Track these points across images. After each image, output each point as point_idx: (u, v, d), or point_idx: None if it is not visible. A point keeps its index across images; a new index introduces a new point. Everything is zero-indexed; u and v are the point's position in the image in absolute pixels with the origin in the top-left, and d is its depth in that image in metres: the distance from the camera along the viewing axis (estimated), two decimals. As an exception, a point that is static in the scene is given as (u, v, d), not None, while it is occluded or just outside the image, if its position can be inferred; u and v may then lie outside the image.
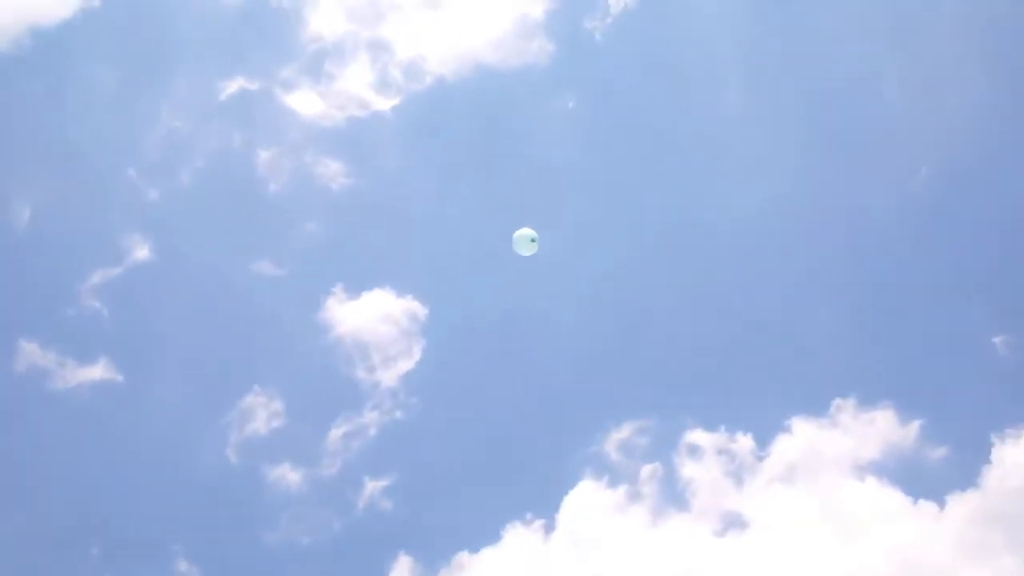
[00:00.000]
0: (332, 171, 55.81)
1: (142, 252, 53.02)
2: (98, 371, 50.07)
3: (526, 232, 39.35)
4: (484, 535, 46.33)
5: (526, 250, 39.75)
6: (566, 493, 47.31)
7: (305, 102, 57.03)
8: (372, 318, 52.21)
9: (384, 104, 57.14)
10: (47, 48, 56.81)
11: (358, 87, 57.36)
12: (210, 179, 55.97)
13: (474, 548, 46.04)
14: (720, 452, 47.70)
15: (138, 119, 56.84)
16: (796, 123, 54.79)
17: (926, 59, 55.37)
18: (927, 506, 44.92)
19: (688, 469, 47.42)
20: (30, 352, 49.83)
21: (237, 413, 49.79)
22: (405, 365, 51.17)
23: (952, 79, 54.29)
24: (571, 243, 53.52)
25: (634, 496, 47.37)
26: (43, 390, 49.49)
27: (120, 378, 50.12)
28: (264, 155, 56.22)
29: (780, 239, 53.09)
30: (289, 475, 48.44)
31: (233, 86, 57.20)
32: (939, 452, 46.84)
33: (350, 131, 57.23)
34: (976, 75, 53.93)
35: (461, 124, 57.47)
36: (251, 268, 53.60)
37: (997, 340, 48.20)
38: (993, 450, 45.72)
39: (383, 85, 57.69)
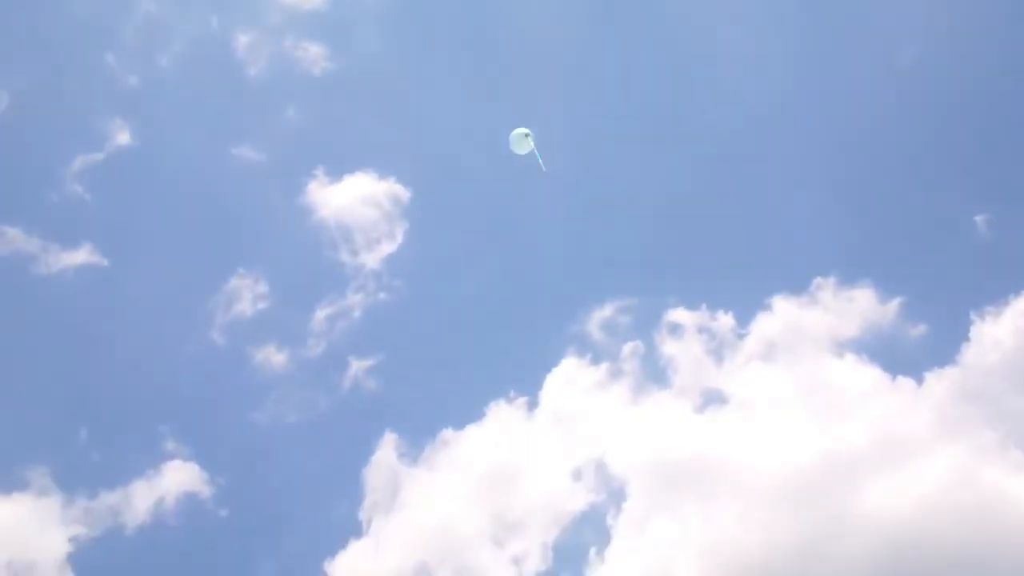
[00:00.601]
0: (313, 55, 55.65)
1: (123, 137, 53.23)
2: (82, 255, 50.53)
3: (520, 131, 40.06)
4: (468, 412, 47.15)
5: (522, 148, 40.47)
6: (549, 371, 48.09)
7: (284, -16, 57.17)
8: (355, 201, 52.66)
9: (366, -15, 57.25)
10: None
11: (339, -32, 57.39)
12: (189, 64, 55.93)
13: (458, 425, 46.94)
14: (701, 330, 48.51)
15: (115, 4, 56.59)
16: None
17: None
18: (906, 383, 45.67)
19: (669, 347, 48.25)
20: (13, 238, 50.24)
21: (222, 296, 50.47)
22: (388, 247, 51.85)
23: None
24: (556, 125, 53.22)
25: (616, 373, 48.23)
26: (27, 274, 49.97)
27: (104, 262, 50.65)
28: (243, 39, 56.01)
29: (763, 118, 53.09)
30: (274, 356, 49.18)
31: (212, -32, 57.38)
32: (918, 330, 47.64)
33: (331, 14, 57.01)
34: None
35: (446, 6, 57.36)
36: (233, 152, 53.93)
37: (979, 219, 48.78)
38: (972, 327, 46.46)
39: (365, -34, 57.65)
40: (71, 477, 45.09)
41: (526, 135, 40.03)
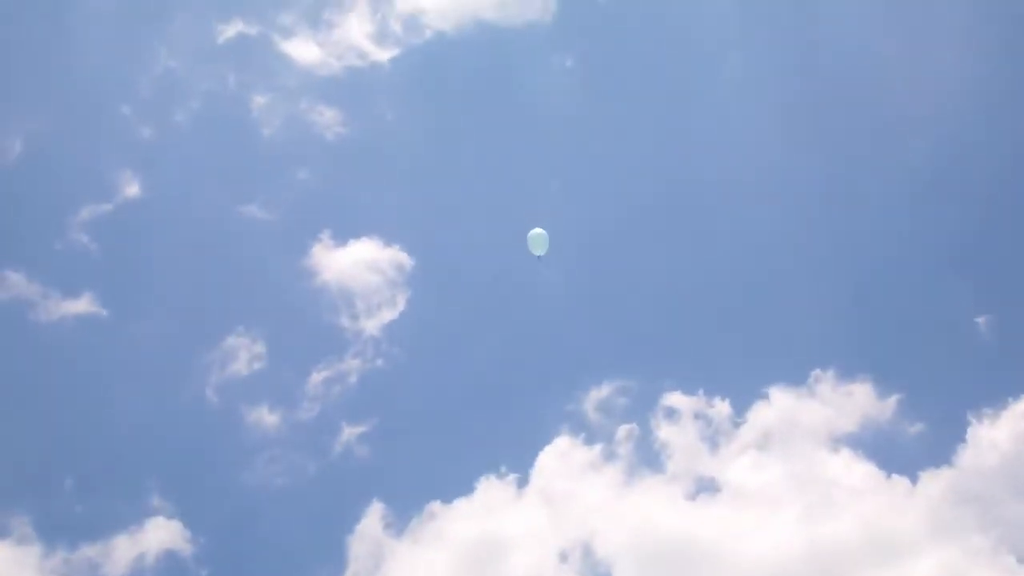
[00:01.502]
0: (327, 119, 57.00)
1: (132, 189, 54.27)
2: (82, 305, 51.16)
3: (538, 233, 41.70)
4: (458, 486, 47.40)
5: (539, 248, 42.01)
6: (542, 449, 48.40)
7: (303, 49, 58.20)
8: (358, 266, 53.24)
9: (382, 55, 58.38)
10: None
11: (357, 37, 58.57)
12: (204, 120, 57.24)
13: (447, 498, 47.08)
14: (697, 416, 48.78)
15: (135, 57, 57.97)
16: (793, 90, 56.02)
17: (929, 35, 56.28)
18: (900, 481, 45.87)
19: (665, 431, 48.51)
20: (15, 283, 50.95)
21: (219, 353, 50.91)
22: (389, 314, 52.34)
23: (950, 61, 55.16)
24: (560, 203, 55.00)
25: (609, 455, 48.41)
26: (26, 320, 50.57)
27: (104, 312, 51.29)
28: (259, 100, 57.49)
29: (769, 207, 53.91)
30: (267, 417, 49.51)
31: (231, 30, 58.43)
32: (915, 428, 47.84)
33: (347, 80, 58.53)
34: (973, 59, 54.88)
35: (458, 79, 58.82)
36: (240, 210, 54.80)
37: (980, 320, 49.34)
38: (969, 429, 46.77)
39: (382, 36, 58.88)
40: (53, 527, 45.42)
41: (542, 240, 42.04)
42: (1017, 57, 54.06)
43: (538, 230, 43.09)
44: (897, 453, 47.11)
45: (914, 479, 45.88)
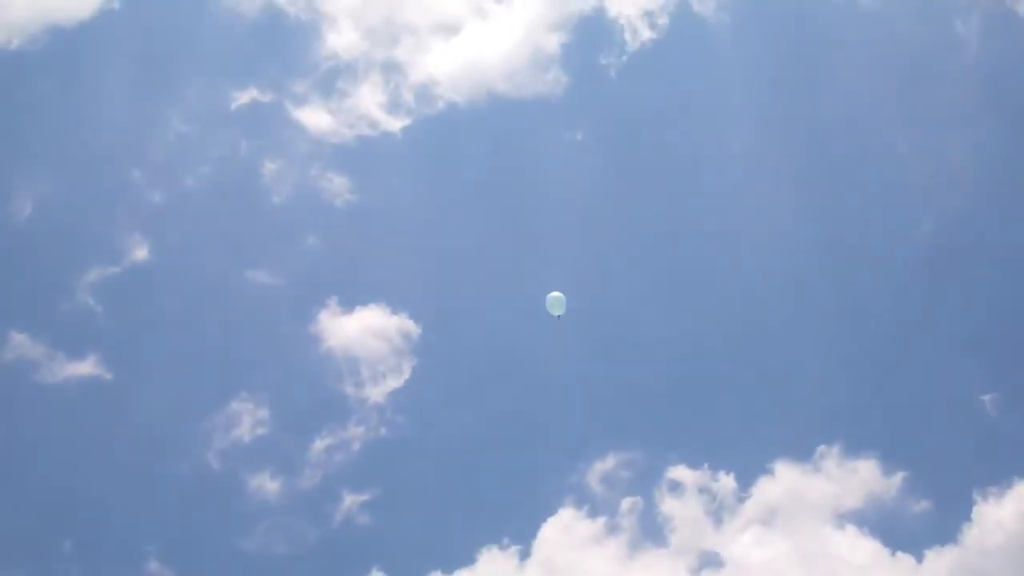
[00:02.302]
0: (337, 186, 58.14)
1: (141, 253, 55.24)
2: (87, 367, 51.98)
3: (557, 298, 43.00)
4: (459, 556, 47.90)
5: (556, 310, 43.26)
6: (545, 520, 48.95)
7: (315, 117, 59.55)
8: (364, 333, 54.12)
9: (394, 125, 59.62)
10: (63, 47, 59.52)
11: (369, 106, 59.93)
12: (214, 185, 58.45)
13: (448, 569, 47.55)
14: (702, 490, 49.34)
15: (147, 122, 59.43)
16: (802, 168, 57.18)
17: (933, 115, 57.91)
18: (905, 559, 46.40)
19: (669, 505, 49.06)
20: (20, 343, 51.70)
21: (222, 418, 51.64)
22: (394, 382, 53.07)
23: (959, 137, 56.86)
24: (567, 275, 55.01)
25: (613, 528, 48.90)
26: (30, 382, 51.27)
27: (109, 375, 52.08)
28: (270, 166, 58.62)
29: (776, 283, 54.73)
30: (268, 483, 50.12)
31: (245, 96, 59.91)
32: (921, 506, 48.38)
33: (358, 149, 59.72)
34: (983, 134, 56.62)
35: (469, 149, 60.02)
36: (248, 276, 55.72)
37: (986, 398, 50.05)
38: (975, 508, 47.28)
39: (394, 106, 60.26)
40: (52, 592, 45.80)
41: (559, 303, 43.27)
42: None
43: (557, 294, 44.29)
44: (902, 530, 47.75)
45: (919, 557, 46.45)
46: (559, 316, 45.52)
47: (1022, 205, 54.03)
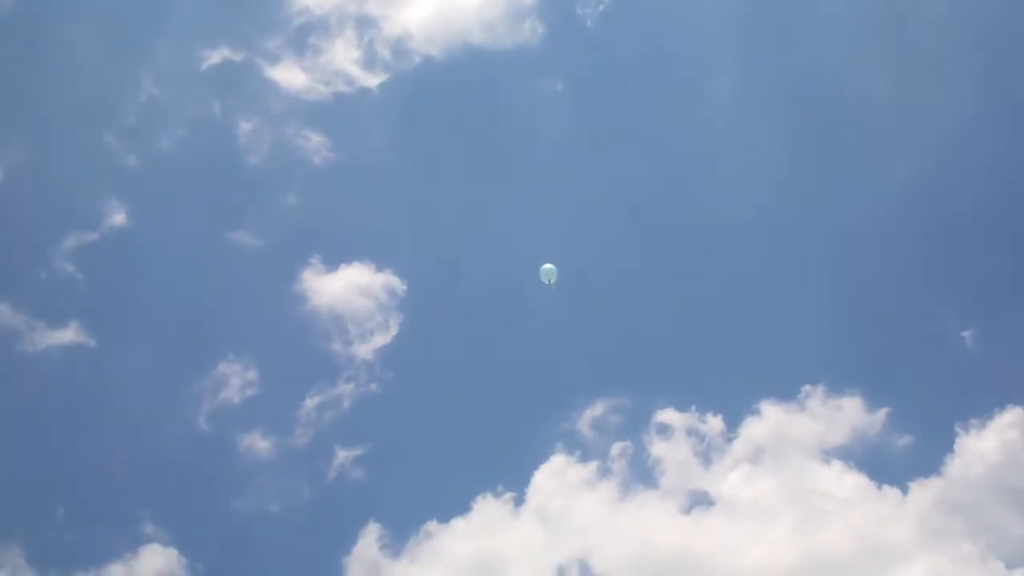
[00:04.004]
0: (314, 144, 59.75)
1: (119, 217, 56.67)
2: (69, 334, 53.45)
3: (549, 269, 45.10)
4: (454, 506, 50.09)
5: (549, 279, 45.41)
6: (537, 467, 51.30)
7: (289, 75, 60.96)
8: (350, 291, 56.01)
9: (370, 80, 61.20)
10: (30, 9, 60.66)
11: (344, 62, 61.37)
12: (189, 147, 59.73)
13: (443, 518, 49.79)
14: (690, 432, 51.87)
15: (118, 85, 60.67)
16: (781, 115, 59.01)
17: (911, 61, 60.07)
18: (890, 491, 49.17)
19: (658, 448, 51.55)
20: (0, 313, 53.04)
21: (210, 381, 53.44)
22: (381, 339, 55.05)
23: (935, 82, 58.81)
24: (550, 225, 57.68)
25: (604, 472, 51.33)
26: (12, 351, 52.73)
27: (92, 342, 53.61)
28: (245, 126, 60.18)
29: (759, 227, 57.16)
30: (260, 443, 52.05)
31: (216, 56, 61.15)
32: (904, 440, 51.12)
33: (334, 106, 61.27)
34: (959, 80, 58.35)
35: (447, 103, 61.68)
36: (228, 237, 57.35)
37: (966, 334, 52.79)
38: (957, 440, 50.18)
39: (370, 61, 61.74)
40: (45, 557, 47.67)
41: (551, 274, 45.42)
42: (1004, 99, 57.93)
43: (548, 265, 46.44)
44: (887, 464, 50.50)
45: (904, 489, 49.26)
46: (551, 284, 47.46)
47: (998, 148, 56.42)
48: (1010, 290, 53.87)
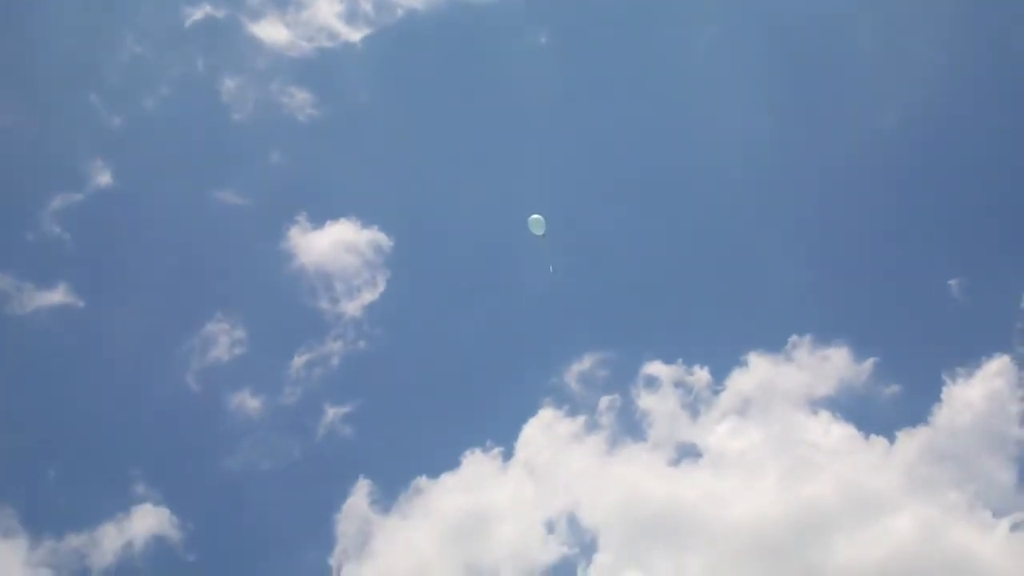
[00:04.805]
0: (299, 101, 60.00)
1: (104, 178, 57.00)
2: (58, 296, 53.87)
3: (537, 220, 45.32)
4: (443, 461, 50.86)
5: (538, 229, 45.70)
6: (526, 421, 51.88)
7: (272, 31, 61.19)
8: (336, 248, 56.48)
9: (353, 35, 61.38)
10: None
11: (326, 17, 61.50)
12: (174, 106, 59.96)
13: (433, 473, 50.55)
14: (677, 384, 52.42)
15: (100, 44, 60.95)
16: (768, 64, 59.19)
17: (898, 8, 60.00)
18: (878, 441, 49.72)
19: (645, 400, 52.14)
20: (-11, 276, 53.67)
21: (199, 340, 53.93)
22: (369, 296, 55.58)
23: (922, 28, 58.90)
24: (536, 178, 58.09)
25: (592, 426, 52.00)
26: (1, 314, 53.07)
27: (80, 303, 54.02)
28: (229, 83, 60.42)
29: (743, 179, 57.47)
30: (249, 402, 52.64)
31: (198, 13, 61.27)
32: (891, 389, 51.59)
33: (318, 61, 61.57)
34: (945, 26, 58.40)
35: (431, 57, 61.89)
36: (214, 196, 57.79)
37: (952, 283, 53.04)
38: (944, 389, 50.60)
39: (352, 16, 61.87)
40: (38, 518, 48.15)
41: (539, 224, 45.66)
42: (989, 45, 57.90)
43: (536, 216, 46.65)
44: (874, 414, 51.03)
45: (891, 439, 49.78)
46: (541, 234, 47.72)
47: (983, 97, 56.46)
48: (996, 238, 54.21)
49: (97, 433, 51.58)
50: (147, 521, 49.07)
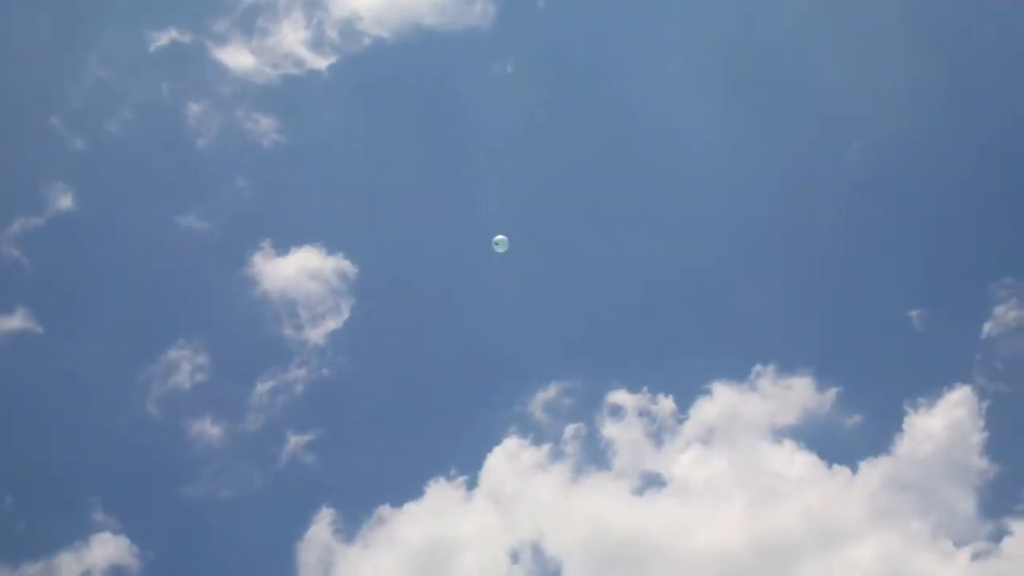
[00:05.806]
0: (263, 127, 60.07)
1: (65, 202, 56.82)
2: (16, 321, 53.74)
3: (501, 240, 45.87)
4: (407, 490, 51.02)
5: (500, 248, 46.20)
6: (490, 450, 52.26)
7: (237, 57, 61.22)
8: (301, 275, 56.56)
9: (319, 63, 61.55)
10: (-31, -8, 60.62)
11: (292, 44, 61.64)
12: (137, 131, 59.79)
13: (396, 503, 50.74)
14: (642, 413, 52.85)
15: (64, 67, 60.60)
16: (731, 93, 59.82)
17: (862, 38, 60.55)
18: (841, 471, 50.36)
19: (610, 429, 52.59)
20: (-55, 300, 53.21)
21: (159, 367, 53.79)
22: (333, 323, 55.70)
23: (888, 62, 59.56)
24: (501, 207, 58.30)
25: (557, 455, 52.40)
26: (-42, 339, 53.02)
27: (39, 329, 53.91)
28: (194, 108, 60.32)
29: (707, 207, 58.32)
30: (210, 429, 52.65)
31: (164, 38, 61.25)
32: (854, 419, 52.22)
33: (283, 88, 61.58)
34: (912, 59, 59.02)
35: (397, 86, 62.07)
36: (177, 221, 57.57)
37: (913, 314, 53.73)
38: (906, 419, 51.41)
39: (318, 43, 61.99)
40: (-6, 548, 47.74)
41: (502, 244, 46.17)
42: (956, 58, 58.76)
43: (500, 237, 47.07)
44: (837, 444, 51.65)
45: (854, 468, 50.42)
46: (502, 252, 48.03)
47: (949, 127, 57.47)
48: (957, 270, 55.30)
49: (55, 460, 51.27)
50: (106, 550, 48.95)
